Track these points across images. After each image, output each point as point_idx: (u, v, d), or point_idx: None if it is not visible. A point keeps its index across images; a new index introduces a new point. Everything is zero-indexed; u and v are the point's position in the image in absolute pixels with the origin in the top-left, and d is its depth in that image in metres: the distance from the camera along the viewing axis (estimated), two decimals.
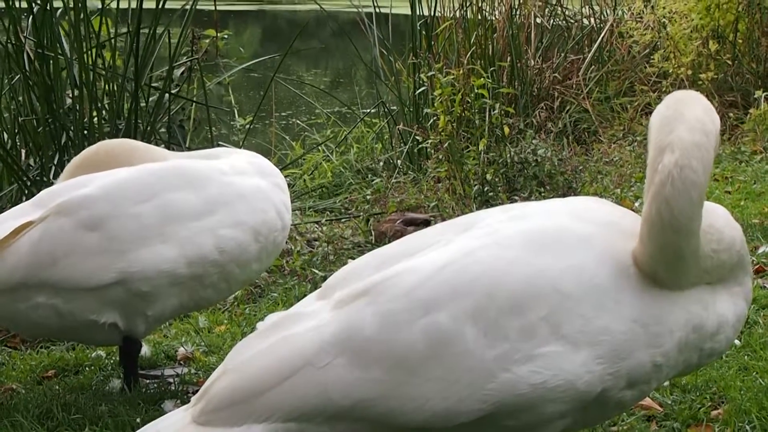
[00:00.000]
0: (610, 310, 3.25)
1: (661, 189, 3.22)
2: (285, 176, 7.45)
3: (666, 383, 4.57)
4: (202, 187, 4.89)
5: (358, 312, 3.24)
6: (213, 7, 10.17)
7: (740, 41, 13.46)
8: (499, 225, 3.45)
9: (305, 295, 6.51)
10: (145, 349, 5.50)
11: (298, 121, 14.73)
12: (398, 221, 7.79)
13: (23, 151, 8.26)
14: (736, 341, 5.19)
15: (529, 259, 3.28)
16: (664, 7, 13.73)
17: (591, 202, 3.64)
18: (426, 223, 7.56)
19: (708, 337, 3.52)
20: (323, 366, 3.18)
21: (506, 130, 9.13)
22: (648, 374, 3.37)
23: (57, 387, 5.21)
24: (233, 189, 4.96)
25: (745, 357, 5.06)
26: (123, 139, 6.03)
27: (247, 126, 10.40)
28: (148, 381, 5.22)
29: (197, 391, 3.38)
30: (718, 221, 3.54)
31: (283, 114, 17.28)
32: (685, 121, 3.29)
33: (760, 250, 6.78)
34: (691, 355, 3.51)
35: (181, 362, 5.60)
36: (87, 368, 5.52)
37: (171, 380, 5.22)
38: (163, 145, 8.56)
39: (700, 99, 3.44)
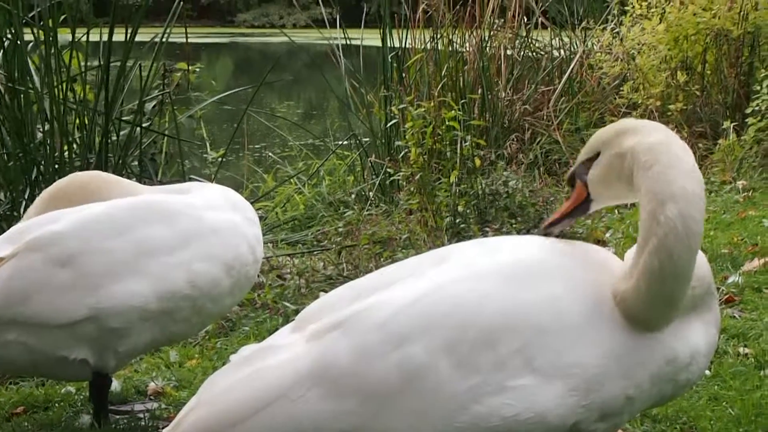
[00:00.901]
0: (583, 344, 3.27)
1: (665, 240, 3.24)
2: (257, 209, 7.44)
3: (637, 414, 4.58)
4: (173, 221, 4.88)
5: (333, 344, 3.24)
6: (184, 40, 10.17)
7: (709, 72, 13.56)
8: (473, 258, 3.47)
9: (277, 329, 6.49)
10: (115, 384, 5.47)
11: (270, 154, 14.74)
12: None
13: None
14: (707, 371, 5.21)
15: (502, 292, 3.30)
16: (632, 39, 13.83)
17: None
18: None
19: (682, 369, 3.54)
20: (297, 398, 3.18)
21: (477, 161, 9.17)
22: (620, 407, 3.39)
23: (26, 423, 5.17)
24: (205, 223, 4.95)
25: (716, 387, 5.08)
26: (96, 171, 6.02)
27: (220, 159, 10.41)
28: (118, 416, 5.18)
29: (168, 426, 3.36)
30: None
31: (257, 146, 17.28)
32: (683, 172, 3.30)
33: (730, 280, 6.81)
34: (665, 386, 3.53)
35: (152, 397, 5.57)
36: (56, 404, 5.47)
37: (141, 415, 5.19)
38: (134, 179, 8.55)
39: (678, 140, 3.44)
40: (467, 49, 13.46)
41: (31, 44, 8.56)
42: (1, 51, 8.24)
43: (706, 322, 3.64)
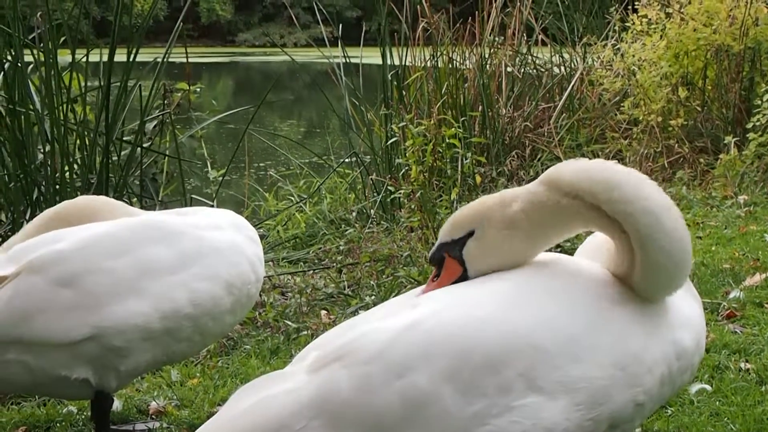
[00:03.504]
0: (586, 358, 3.28)
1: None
2: (258, 228, 7.42)
3: (638, 430, 4.57)
4: (175, 241, 4.88)
5: (334, 374, 3.23)
6: (185, 60, 10.20)
7: (709, 87, 13.59)
8: (462, 287, 3.49)
9: (278, 347, 6.53)
10: (117, 404, 5.46)
11: (272, 172, 14.76)
12: None
13: None
14: (708, 387, 5.21)
15: (500, 316, 3.30)
16: (633, 55, 13.86)
17: (549, 256, 3.67)
18: None
19: (695, 353, 3.60)
20: (299, 429, 3.16)
21: (478, 179, 9.20)
22: (630, 414, 3.40)
23: None
24: (207, 243, 4.96)
25: (717, 402, 5.07)
26: (99, 196, 6.03)
27: (221, 178, 10.42)
28: None
29: None
30: None
31: (261, 165, 17.32)
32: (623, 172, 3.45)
33: (731, 295, 6.80)
34: (682, 377, 3.58)
35: (153, 416, 5.55)
36: (58, 424, 5.47)
37: None
38: (135, 199, 8.57)
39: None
40: (467, 66, 13.52)
41: (31, 66, 8.59)
42: (2, 73, 8.26)
43: (692, 297, 3.73)
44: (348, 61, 13.07)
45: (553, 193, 3.44)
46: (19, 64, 8.11)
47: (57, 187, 8.12)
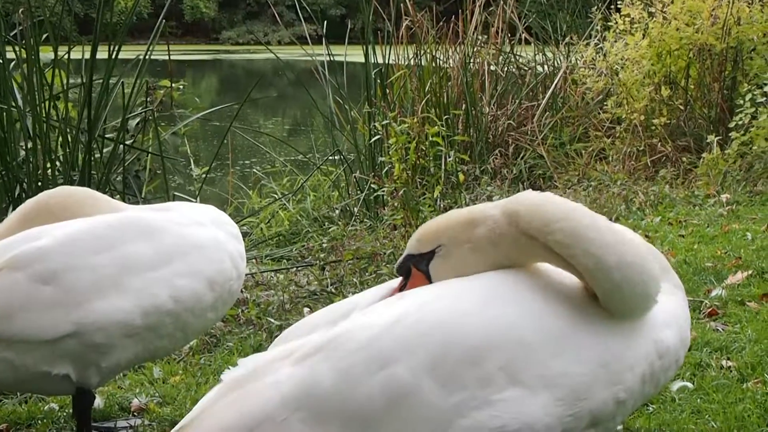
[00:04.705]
0: (568, 354, 3.29)
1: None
2: (242, 225, 7.41)
3: (619, 427, 4.59)
4: (157, 237, 4.87)
5: (316, 366, 3.23)
6: (168, 57, 10.18)
7: (692, 86, 13.63)
8: (449, 281, 3.49)
9: (261, 345, 6.52)
10: (99, 401, 5.45)
11: (255, 170, 14.76)
12: None
13: None
14: (689, 384, 5.22)
15: (483, 309, 3.31)
16: (616, 54, 13.90)
17: None
18: None
19: (679, 348, 3.62)
20: (282, 420, 3.16)
21: (461, 177, 9.20)
22: (611, 412, 3.41)
23: None
24: (188, 239, 4.95)
25: (698, 400, 5.08)
26: (82, 187, 6.00)
27: (204, 175, 10.40)
28: None
29: None
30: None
31: (246, 162, 17.31)
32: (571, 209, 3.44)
33: (713, 294, 6.82)
34: (666, 374, 3.60)
35: (135, 413, 5.54)
36: (40, 421, 5.45)
37: None
38: (118, 196, 8.55)
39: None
40: (451, 65, 13.54)
41: (13, 63, 8.56)
42: None
43: (674, 287, 3.74)
44: (332, 59, 13.07)
45: (512, 227, 3.43)
46: (1, 61, 8.09)
47: (39, 184, 8.10)
